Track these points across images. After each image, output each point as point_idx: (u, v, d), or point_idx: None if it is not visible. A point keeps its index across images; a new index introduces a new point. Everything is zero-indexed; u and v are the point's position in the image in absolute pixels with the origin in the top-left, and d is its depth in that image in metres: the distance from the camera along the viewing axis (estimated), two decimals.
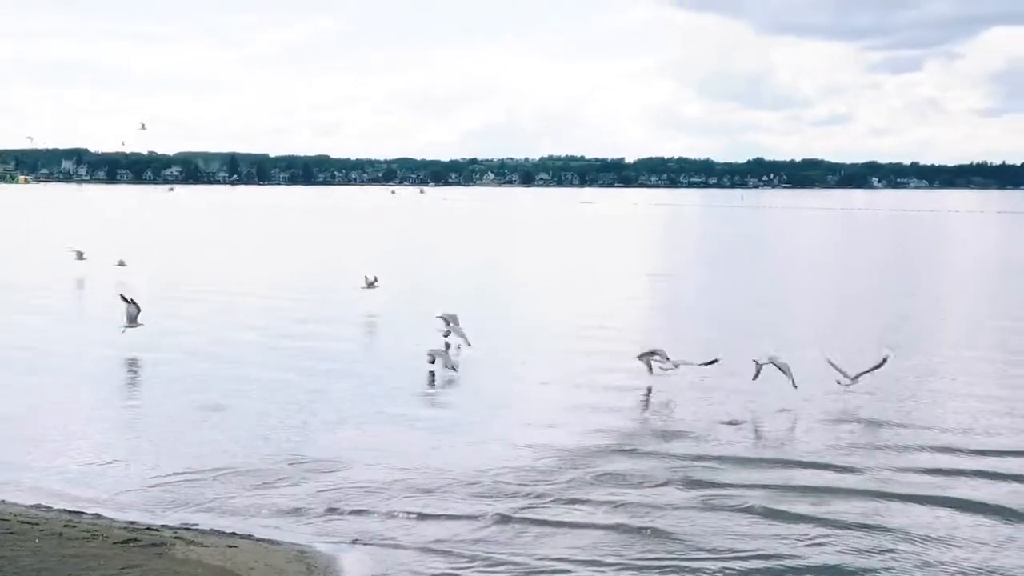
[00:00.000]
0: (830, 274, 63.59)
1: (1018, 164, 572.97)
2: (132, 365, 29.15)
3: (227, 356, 30.54)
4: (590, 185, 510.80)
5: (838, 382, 25.58)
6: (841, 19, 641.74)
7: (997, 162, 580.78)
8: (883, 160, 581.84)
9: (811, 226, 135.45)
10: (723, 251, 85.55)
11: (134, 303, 31.93)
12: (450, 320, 31.13)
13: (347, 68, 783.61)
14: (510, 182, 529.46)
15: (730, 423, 22.94)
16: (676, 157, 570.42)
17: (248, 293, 47.24)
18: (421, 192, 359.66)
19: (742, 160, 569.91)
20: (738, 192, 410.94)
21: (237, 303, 43.71)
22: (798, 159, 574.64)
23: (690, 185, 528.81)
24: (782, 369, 25.41)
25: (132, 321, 31.80)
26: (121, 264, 52.50)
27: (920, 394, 26.34)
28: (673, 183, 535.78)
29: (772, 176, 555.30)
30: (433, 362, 28.00)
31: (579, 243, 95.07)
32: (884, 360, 25.86)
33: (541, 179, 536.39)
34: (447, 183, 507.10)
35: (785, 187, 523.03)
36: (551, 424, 22.85)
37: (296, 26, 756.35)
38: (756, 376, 25.84)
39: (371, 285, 43.26)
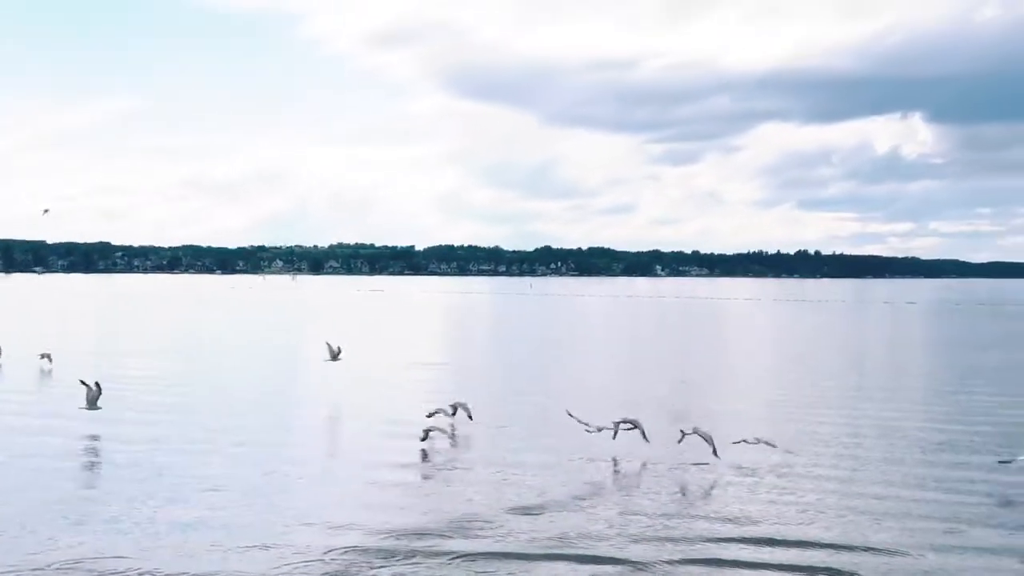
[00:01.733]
0: (607, 355, 64.31)
1: (791, 253, 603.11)
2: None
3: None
4: (380, 273, 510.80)
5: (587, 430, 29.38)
6: (623, 113, 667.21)
7: (772, 251, 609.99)
8: (666, 249, 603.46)
9: (596, 312, 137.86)
10: (509, 337, 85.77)
11: (97, 386, 32.48)
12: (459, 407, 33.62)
13: (134, 152, 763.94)
14: (299, 270, 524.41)
15: (523, 512, 22.39)
16: (465, 245, 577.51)
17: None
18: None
19: (530, 248, 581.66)
20: (527, 279, 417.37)
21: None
22: (584, 247, 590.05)
23: (479, 272, 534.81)
24: (705, 438, 27.91)
25: (92, 404, 32.34)
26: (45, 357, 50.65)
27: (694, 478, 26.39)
28: (463, 271, 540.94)
29: (560, 264, 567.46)
30: (424, 439, 29.83)
31: (366, 332, 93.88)
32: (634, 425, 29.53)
33: (331, 266, 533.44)
34: (235, 271, 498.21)
35: (573, 274, 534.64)
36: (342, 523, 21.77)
37: (82, 108, 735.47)
38: (680, 441, 28.64)
39: (335, 357, 44.88)
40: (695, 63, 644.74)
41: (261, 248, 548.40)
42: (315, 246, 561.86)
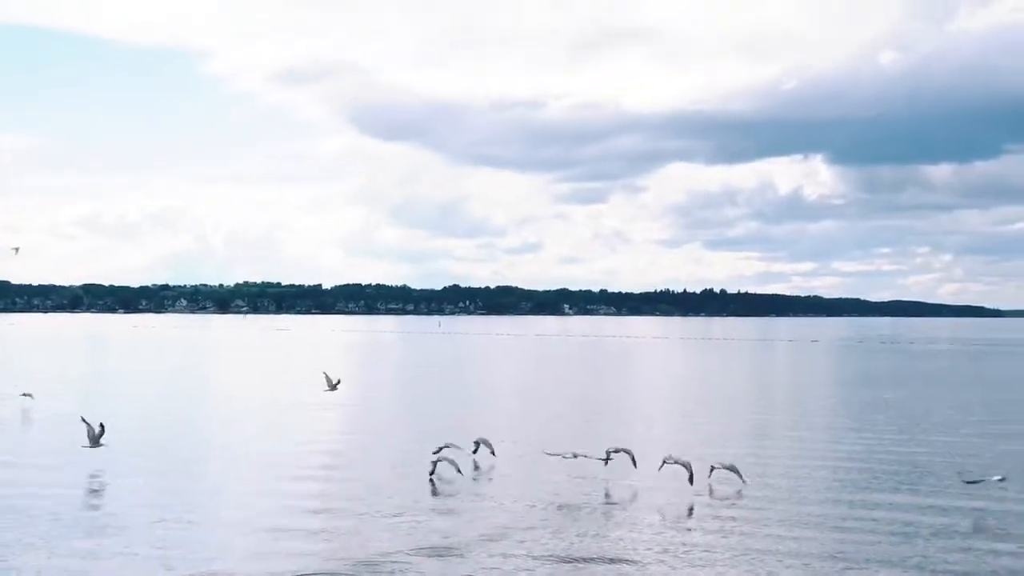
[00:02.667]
0: (520, 392, 64.17)
1: (697, 292, 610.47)
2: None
3: None
4: (287, 312, 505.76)
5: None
6: (530, 152, 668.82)
7: (679, 290, 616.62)
8: (573, 288, 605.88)
9: (504, 351, 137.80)
10: (416, 376, 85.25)
11: (101, 426, 33.40)
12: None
13: (30, 190, 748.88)
14: (204, 308, 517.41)
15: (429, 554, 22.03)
16: (373, 284, 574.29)
17: None
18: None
19: (438, 287, 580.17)
20: (435, 318, 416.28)
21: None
22: (492, 286, 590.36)
23: (388, 311, 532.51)
24: (685, 467, 30.40)
25: (95, 442, 33.20)
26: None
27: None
28: (371, 310, 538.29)
29: (468, 302, 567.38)
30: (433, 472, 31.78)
31: (271, 372, 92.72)
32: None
33: (237, 305, 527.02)
34: (138, 310, 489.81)
35: (481, 313, 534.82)
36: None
37: None
38: (660, 468, 30.92)
39: (334, 387, 48.28)
40: (601, 103, 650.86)
41: (165, 287, 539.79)
42: (221, 285, 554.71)
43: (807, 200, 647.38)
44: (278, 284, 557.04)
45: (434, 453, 33.28)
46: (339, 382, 47.01)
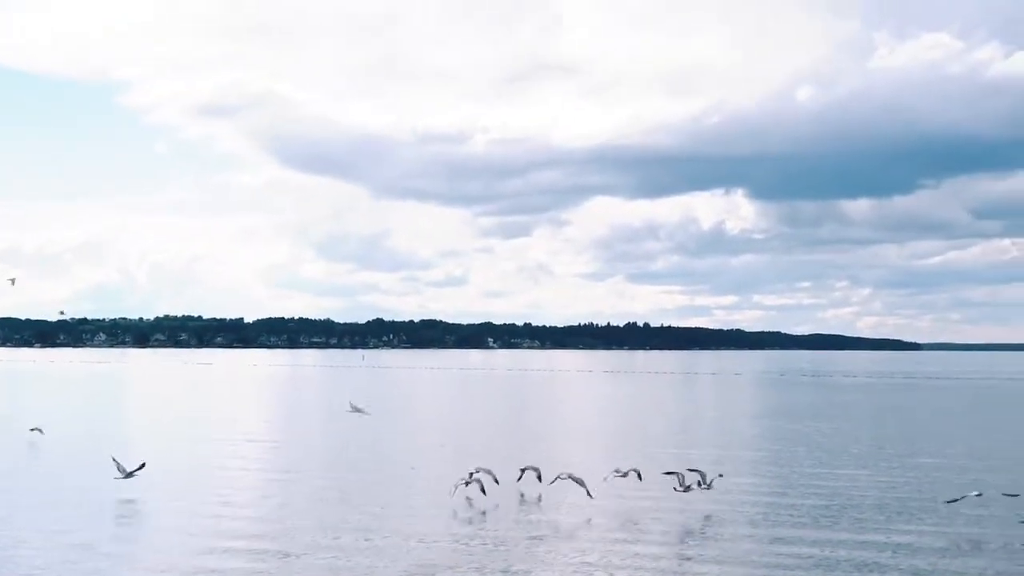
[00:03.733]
0: (439, 429, 63.79)
1: (621, 325, 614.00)
2: None
3: None
4: (208, 346, 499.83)
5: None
6: (455, 186, 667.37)
7: (602, 323, 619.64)
8: (498, 321, 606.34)
9: (428, 384, 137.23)
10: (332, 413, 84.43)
11: (142, 466, 35.17)
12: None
13: None
14: (123, 343, 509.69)
15: None
16: (296, 317, 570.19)
17: None
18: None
19: (362, 320, 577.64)
20: (359, 352, 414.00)
21: None
22: (417, 320, 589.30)
23: (311, 345, 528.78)
24: (700, 479, 33.81)
25: (127, 474, 34.82)
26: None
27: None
28: (294, 343, 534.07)
29: (392, 336, 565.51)
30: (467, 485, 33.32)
31: (186, 407, 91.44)
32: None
33: (156, 339, 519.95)
34: (55, 344, 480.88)
35: (405, 347, 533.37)
36: None
37: None
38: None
39: (357, 411, 52.75)
40: (525, 138, 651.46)
41: (83, 321, 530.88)
42: (140, 319, 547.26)
43: (729, 234, 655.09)
44: (199, 318, 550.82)
45: (467, 475, 34.11)
46: (364, 408, 51.72)
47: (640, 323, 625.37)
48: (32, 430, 54.19)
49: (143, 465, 35.20)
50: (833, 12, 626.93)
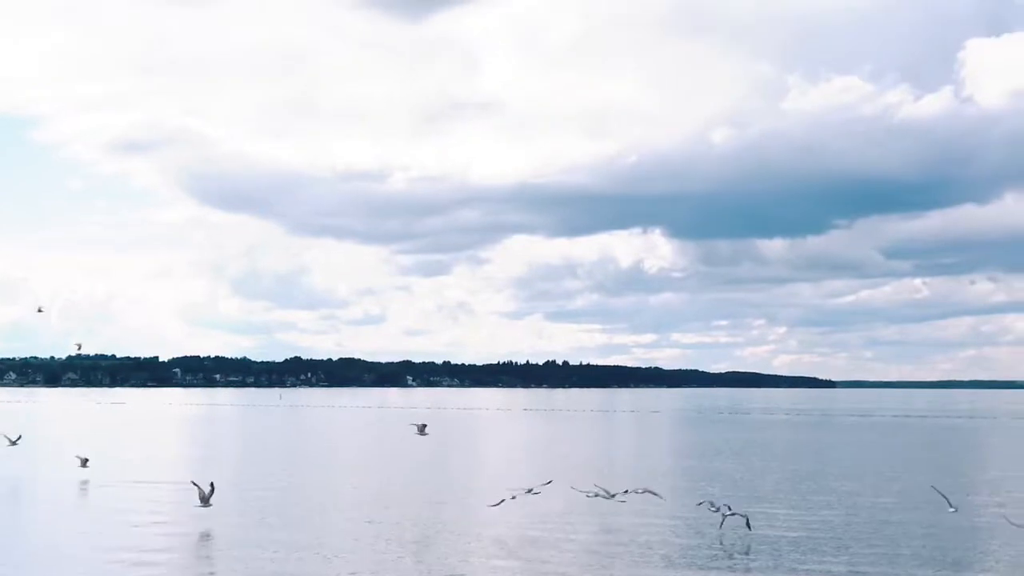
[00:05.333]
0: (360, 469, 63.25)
1: (540, 363, 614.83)
2: None
3: None
4: (122, 385, 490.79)
5: None
6: (372, 224, 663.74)
7: (522, 361, 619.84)
8: (417, 359, 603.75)
9: (346, 423, 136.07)
10: (250, 454, 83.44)
11: (212, 486, 38.13)
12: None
13: None
14: (34, 382, 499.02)
15: None
16: (213, 356, 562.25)
17: None
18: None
19: (280, 359, 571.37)
20: (277, 391, 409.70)
21: None
22: (335, 358, 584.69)
23: (228, 384, 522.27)
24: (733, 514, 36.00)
25: (205, 502, 37.78)
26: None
27: None
28: (210, 382, 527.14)
29: (310, 374, 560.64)
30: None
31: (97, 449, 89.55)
32: None
33: (68, 378, 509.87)
34: None
35: (323, 385, 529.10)
36: None
37: None
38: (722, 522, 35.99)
39: (422, 431, 58.48)
40: (445, 175, 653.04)
41: None
42: (52, 357, 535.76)
43: (647, 273, 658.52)
44: (112, 356, 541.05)
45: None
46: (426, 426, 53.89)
47: (559, 361, 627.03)
48: (79, 459, 54.40)
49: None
50: (747, 55, 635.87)
